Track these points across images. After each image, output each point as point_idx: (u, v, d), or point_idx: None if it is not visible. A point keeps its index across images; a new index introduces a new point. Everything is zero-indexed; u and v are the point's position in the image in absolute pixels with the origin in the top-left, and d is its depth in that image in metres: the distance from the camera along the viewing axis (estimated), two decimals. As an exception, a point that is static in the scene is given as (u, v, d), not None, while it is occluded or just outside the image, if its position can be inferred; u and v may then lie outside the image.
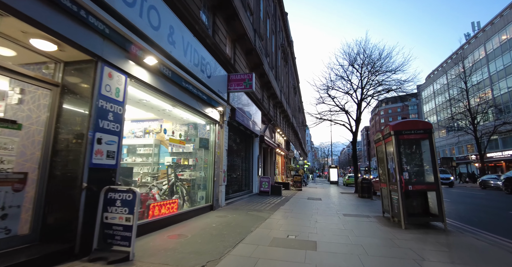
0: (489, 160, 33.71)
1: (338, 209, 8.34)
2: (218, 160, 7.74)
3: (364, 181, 12.83)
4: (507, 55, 31.33)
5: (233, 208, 7.73)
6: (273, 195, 12.21)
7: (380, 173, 7.29)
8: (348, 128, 16.76)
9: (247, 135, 11.82)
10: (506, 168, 32.54)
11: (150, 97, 5.28)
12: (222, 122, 7.98)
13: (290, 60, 31.59)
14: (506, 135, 31.40)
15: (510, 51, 30.51)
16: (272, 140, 16.66)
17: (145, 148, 8.12)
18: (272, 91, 17.11)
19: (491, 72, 34.11)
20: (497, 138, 32.50)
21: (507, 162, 32.82)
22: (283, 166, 23.19)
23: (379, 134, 7.00)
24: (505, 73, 31.80)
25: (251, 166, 12.45)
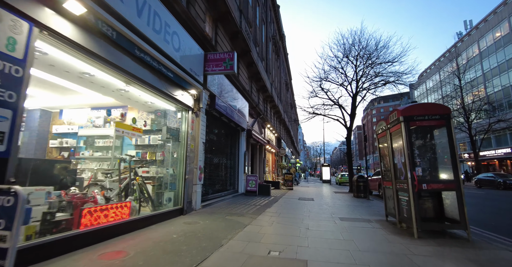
0: (482, 158, 33.36)
1: (333, 212, 7.21)
2: (192, 154, 6.49)
3: (360, 180, 11.78)
4: (501, 53, 30.96)
5: (209, 211, 6.50)
6: (260, 195, 11.02)
7: (383, 170, 6.18)
8: (342, 123, 15.72)
9: (231, 129, 10.60)
10: (499, 167, 32.24)
11: (93, 69, 4.01)
12: (197, 109, 6.73)
13: (282, 55, 30.47)
14: (500, 134, 31.08)
15: (504, 48, 30.16)
16: (262, 136, 15.48)
17: (105, 140, 6.83)
18: (262, 84, 15.92)
19: (485, 69, 33.78)
20: (491, 136, 32.14)
21: (500, 161, 32.52)
22: (274, 164, 22.05)
23: (383, 123, 5.88)
24: (499, 71, 31.48)
25: (237, 163, 11.23)
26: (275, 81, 23.72)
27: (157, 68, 4.90)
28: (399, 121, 4.84)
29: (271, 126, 18.23)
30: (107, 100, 5.98)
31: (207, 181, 8.26)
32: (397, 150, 5.11)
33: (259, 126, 14.96)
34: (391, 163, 5.42)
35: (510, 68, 29.92)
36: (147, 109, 6.75)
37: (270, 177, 18.41)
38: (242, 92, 10.98)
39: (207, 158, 8.40)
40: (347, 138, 15.51)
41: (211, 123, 8.66)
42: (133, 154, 6.47)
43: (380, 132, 6.06)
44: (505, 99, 30.85)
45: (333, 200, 10.32)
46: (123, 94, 5.31)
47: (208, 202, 7.56)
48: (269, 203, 8.76)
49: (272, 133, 20.02)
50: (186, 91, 6.10)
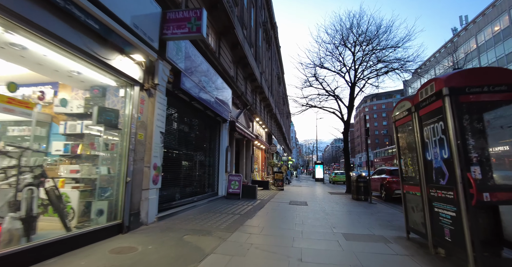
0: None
1: (333, 223, 5.54)
2: (141, 148, 4.69)
3: (361, 180, 10.18)
4: (500, 47, 29.95)
5: (165, 227, 4.72)
6: (244, 199, 9.29)
7: (404, 169, 4.51)
8: (339, 116, 14.09)
9: (209, 119, 8.80)
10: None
11: None
12: (150, 85, 4.91)
13: (273, 46, 28.69)
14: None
15: (504, 42, 29.16)
16: (249, 130, 13.72)
17: (22, 128, 4.93)
18: (250, 71, 14.13)
19: (483, 64, 32.77)
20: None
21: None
22: (264, 161, 20.35)
23: (406, 104, 4.20)
24: (497, 65, 30.47)
25: (217, 160, 9.45)
26: (265, 72, 21.96)
27: (67, 8, 3.07)
28: (441, 96, 3.16)
29: (260, 119, 16.48)
30: (32, 74, 4.13)
31: (172, 183, 6.47)
32: (433, 140, 3.43)
33: (246, 118, 13.22)
34: (420, 160, 3.74)
35: (510, 62, 28.94)
36: (82, 86, 4.90)
37: (259, 176, 16.72)
38: (223, 75, 9.17)
39: (173, 155, 6.61)
40: (344, 132, 13.91)
41: (179, 108, 6.85)
42: (59, 148, 4.63)
43: (401, 117, 4.38)
44: None
45: (330, 205, 8.67)
46: (22, 55, 3.45)
47: (171, 211, 5.77)
48: (253, 210, 7.03)
49: (262, 127, 18.29)
50: (127, 56, 4.26)
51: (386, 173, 11.03)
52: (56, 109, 4.74)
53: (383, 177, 10.99)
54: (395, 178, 10.23)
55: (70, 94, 4.98)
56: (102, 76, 4.18)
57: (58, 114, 4.81)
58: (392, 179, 10.28)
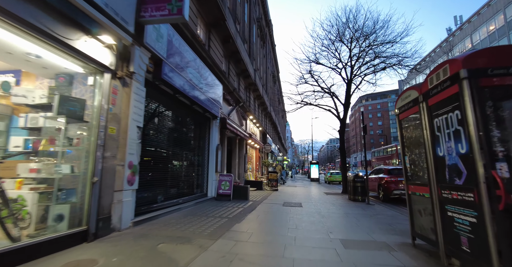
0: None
1: (329, 227, 5.04)
2: (113, 143, 4.13)
3: (357, 180, 9.72)
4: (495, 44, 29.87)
5: (140, 233, 4.16)
6: (235, 200, 8.76)
7: (409, 167, 4.02)
8: (335, 114, 13.65)
9: (197, 114, 8.25)
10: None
11: None
12: (125, 73, 4.35)
13: (268, 44, 28.21)
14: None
15: (499, 42, 29.10)
16: (242, 128, 13.19)
17: (-24, 121, 4.34)
18: (243, 67, 13.61)
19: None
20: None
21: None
22: (258, 161, 19.84)
23: (411, 93, 3.72)
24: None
25: (206, 159, 8.90)
26: (260, 70, 21.46)
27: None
28: (457, 80, 2.68)
29: (254, 118, 15.96)
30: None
31: (154, 183, 5.91)
32: (446, 134, 2.95)
33: (239, 116, 12.69)
34: (429, 157, 3.26)
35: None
36: (47, 74, 4.32)
37: (253, 176, 16.19)
38: (213, 69, 8.64)
39: (156, 152, 6.05)
40: (340, 131, 13.48)
41: (162, 102, 6.29)
42: (18, 144, 4.05)
43: (406, 109, 3.90)
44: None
45: (326, 206, 8.19)
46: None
47: (151, 215, 5.21)
48: (243, 212, 6.50)
49: (256, 126, 17.78)
50: (93, 37, 3.69)
51: (384, 172, 10.60)
52: (15, 99, 4.15)
53: (381, 176, 10.56)
54: (394, 178, 9.80)
55: (34, 83, 4.41)
56: (67, 62, 3.63)
57: (18, 105, 4.22)
58: (390, 179, 9.85)
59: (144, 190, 5.54)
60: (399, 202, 9.96)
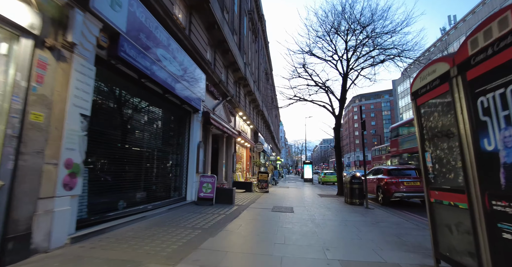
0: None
1: (326, 241, 4.06)
2: (38, 135, 3.06)
3: (355, 181, 8.81)
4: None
5: (74, 255, 3.10)
6: (218, 204, 7.73)
7: (431, 167, 3.07)
8: (330, 110, 12.75)
9: (173, 106, 7.20)
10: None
11: None
12: (60, 43, 3.29)
13: (261, 39, 27.25)
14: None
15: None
16: (230, 125, 12.17)
17: None
18: (232, 59, 12.58)
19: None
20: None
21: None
22: (249, 161, 18.82)
23: (438, 67, 2.77)
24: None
25: (186, 158, 7.85)
26: (251, 66, 20.46)
27: None
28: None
29: (244, 114, 14.94)
30: None
31: (113, 187, 4.85)
32: (502, 118, 2.00)
33: (227, 112, 11.66)
34: (468, 152, 2.31)
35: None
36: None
37: (243, 177, 15.16)
38: (194, 56, 7.60)
39: (116, 149, 4.99)
40: (335, 128, 12.58)
41: (125, 88, 5.23)
42: None
43: (428, 89, 2.95)
44: None
45: (321, 211, 7.23)
46: None
47: (103, 227, 4.14)
48: (223, 221, 5.48)
49: (247, 124, 16.76)
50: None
51: (383, 173, 9.72)
52: None
53: (380, 177, 9.67)
54: (394, 179, 8.92)
55: None
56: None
57: None
58: (390, 180, 8.96)
59: (98, 195, 4.49)
60: (401, 206, 9.08)
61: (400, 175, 9.17)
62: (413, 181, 8.78)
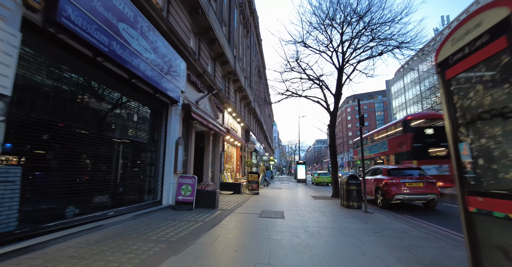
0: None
1: (321, 258, 3.18)
2: None
3: (352, 182, 7.97)
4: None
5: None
6: (199, 209, 6.80)
7: (469, 162, 2.20)
8: (324, 106, 11.94)
9: (145, 96, 6.24)
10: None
11: None
12: None
13: (253, 35, 26.39)
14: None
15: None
16: (217, 122, 11.24)
17: None
18: (219, 50, 11.65)
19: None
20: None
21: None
22: (239, 161, 17.90)
23: (488, 16, 1.91)
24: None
25: (161, 157, 6.89)
26: (243, 61, 19.57)
27: None
28: None
29: (233, 111, 14.02)
30: None
31: (62, 189, 3.88)
32: None
33: (213, 107, 10.72)
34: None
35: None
36: None
37: (231, 178, 14.21)
38: (171, 39, 6.67)
39: (70, 143, 4.01)
40: (330, 125, 11.77)
41: (74, 67, 4.25)
42: None
43: (466, 52, 2.10)
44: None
45: (315, 216, 6.37)
46: None
47: (33, 243, 3.17)
48: (197, 231, 4.55)
49: (237, 121, 15.84)
50: None
51: (383, 173, 8.92)
52: None
53: (379, 178, 8.87)
54: (395, 180, 8.12)
55: None
56: None
57: None
58: (391, 181, 8.16)
59: (36, 200, 3.53)
60: (401, 209, 8.29)
61: (401, 175, 8.39)
62: (416, 182, 7.99)
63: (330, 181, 23.31)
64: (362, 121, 7.72)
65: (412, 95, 46.79)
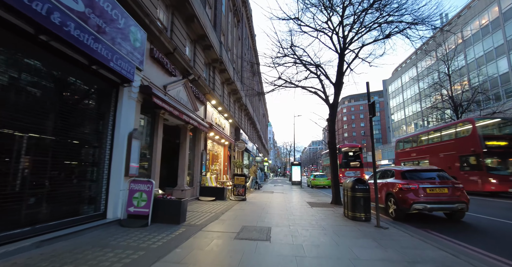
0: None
1: None
2: None
3: (359, 187, 6.28)
4: (488, 39, 28.10)
5: None
6: (157, 225, 5.04)
7: None
8: (323, 97, 10.29)
9: (79, 68, 4.46)
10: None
11: None
12: None
13: (245, 27, 24.73)
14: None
15: (493, 34, 27.36)
16: (196, 114, 9.50)
17: None
18: (201, 32, 9.93)
19: (469, 60, 31.06)
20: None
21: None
22: (228, 161, 16.13)
23: None
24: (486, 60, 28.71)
25: (107, 155, 5.13)
26: (232, 52, 17.87)
27: None
28: None
29: (219, 104, 12.28)
30: None
31: None
32: None
33: (191, 96, 8.97)
34: None
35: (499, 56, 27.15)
36: None
37: (215, 181, 12.41)
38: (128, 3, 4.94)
39: None
40: (329, 119, 10.11)
41: None
42: None
43: None
44: (502, 87, 27.47)
45: (313, 236, 4.66)
46: None
47: None
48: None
49: (224, 117, 14.09)
50: None
51: (395, 176, 7.27)
52: None
53: (390, 182, 7.21)
54: (413, 185, 6.47)
55: None
56: None
57: None
58: (407, 186, 6.50)
59: None
60: (419, 220, 6.64)
61: (419, 179, 6.74)
62: (439, 187, 6.35)
63: (327, 184, 21.68)
64: (373, 109, 6.03)
65: (410, 95, 45.56)
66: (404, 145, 20.41)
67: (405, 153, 19.46)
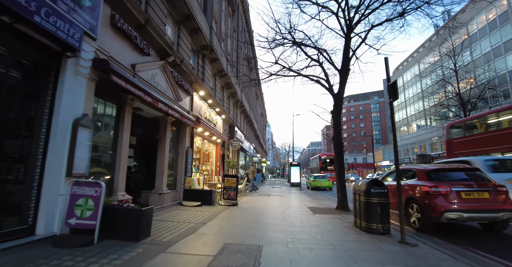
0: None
1: None
2: None
3: (376, 191, 4.95)
4: (496, 34, 26.91)
5: None
6: (107, 242, 3.69)
7: None
8: (326, 86, 8.97)
9: (2, 30, 3.12)
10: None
11: None
12: None
13: (241, 19, 23.48)
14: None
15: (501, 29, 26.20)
16: (179, 105, 8.17)
17: None
18: (186, 11, 8.61)
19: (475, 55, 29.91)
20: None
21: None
22: (220, 161, 14.76)
23: None
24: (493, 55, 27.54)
25: (41, 148, 3.78)
26: (226, 43, 16.59)
27: None
28: None
29: (208, 96, 10.95)
30: None
31: None
32: None
33: (171, 83, 7.64)
34: None
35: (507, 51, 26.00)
36: None
37: (202, 183, 11.04)
38: None
39: None
40: (334, 111, 8.79)
41: None
42: None
43: None
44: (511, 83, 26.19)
45: (320, 257, 3.33)
46: None
47: None
48: None
49: (216, 111, 12.75)
50: None
51: (418, 177, 5.93)
52: None
53: (412, 184, 5.88)
54: (443, 188, 5.14)
55: None
56: None
57: None
58: (436, 189, 5.18)
59: None
60: (449, 232, 5.32)
61: (450, 180, 5.42)
62: (478, 191, 5.02)
63: (328, 186, 20.38)
64: (395, 92, 4.70)
65: (412, 93, 44.37)
66: (464, 131, 12.65)
67: (465, 143, 12.10)
